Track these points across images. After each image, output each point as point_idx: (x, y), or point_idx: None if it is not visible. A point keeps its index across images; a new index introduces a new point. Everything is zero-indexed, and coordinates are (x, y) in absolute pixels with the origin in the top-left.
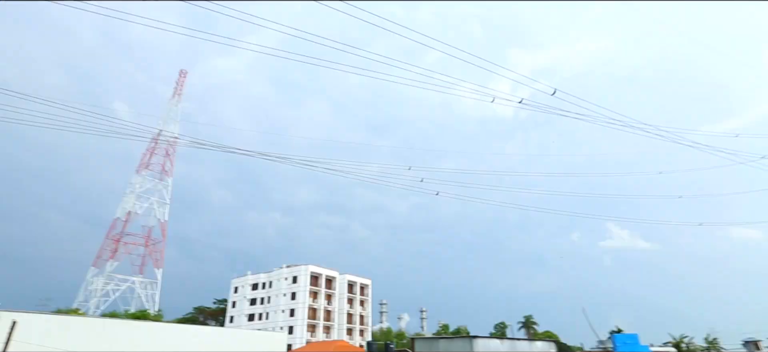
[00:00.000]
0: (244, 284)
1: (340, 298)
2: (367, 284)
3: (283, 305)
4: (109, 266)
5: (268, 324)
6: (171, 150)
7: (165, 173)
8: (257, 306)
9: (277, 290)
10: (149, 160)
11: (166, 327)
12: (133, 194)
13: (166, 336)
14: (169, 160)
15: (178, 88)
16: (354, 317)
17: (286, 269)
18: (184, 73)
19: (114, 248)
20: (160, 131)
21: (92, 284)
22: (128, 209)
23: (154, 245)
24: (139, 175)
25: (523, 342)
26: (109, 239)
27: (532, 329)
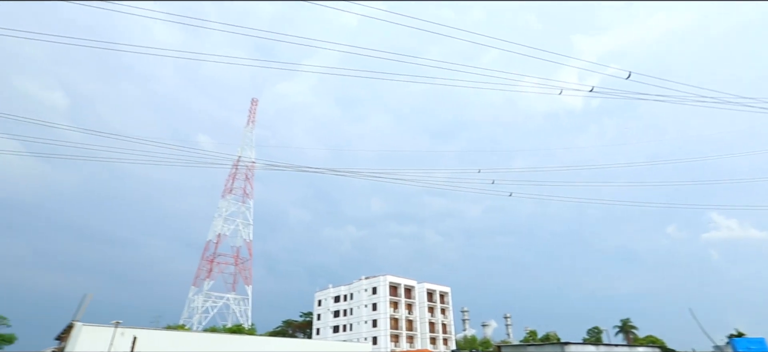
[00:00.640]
0: (327, 297)
1: (421, 307)
2: (446, 292)
3: (365, 316)
4: (206, 285)
5: (353, 335)
6: (250, 174)
7: (246, 196)
8: (341, 318)
9: (358, 301)
10: (232, 185)
11: (260, 340)
12: (221, 218)
13: (261, 348)
14: (249, 183)
15: (251, 115)
16: (436, 325)
17: (365, 281)
18: (255, 101)
19: (209, 268)
20: (238, 157)
21: (193, 302)
22: (218, 232)
23: (242, 263)
24: (224, 199)
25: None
26: (204, 260)
27: (632, 334)
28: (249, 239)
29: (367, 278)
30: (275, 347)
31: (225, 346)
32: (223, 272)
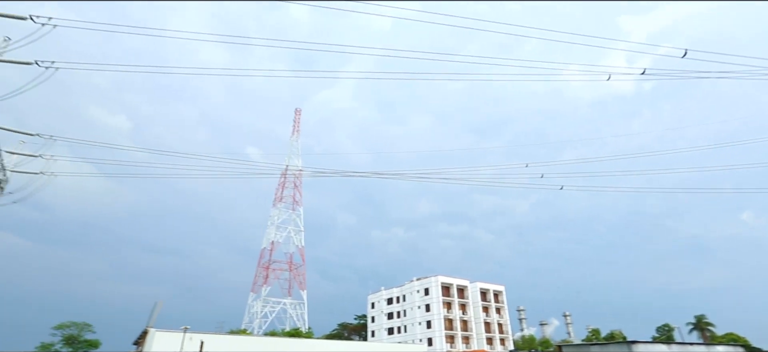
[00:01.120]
0: (380, 299)
1: (475, 306)
2: (500, 291)
3: (419, 317)
4: (264, 291)
5: (407, 337)
6: (298, 182)
7: (296, 204)
8: (395, 320)
9: (410, 302)
10: (281, 194)
11: (318, 343)
12: (273, 226)
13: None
14: (298, 191)
15: (296, 125)
16: (492, 325)
17: (417, 282)
18: (298, 111)
19: (265, 275)
20: (286, 166)
21: (253, 308)
22: (271, 239)
23: (296, 269)
24: (276, 208)
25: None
26: (260, 267)
27: (708, 331)
28: (301, 245)
29: (419, 279)
30: (334, 349)
31: (287, 349)
32: (278, 278)
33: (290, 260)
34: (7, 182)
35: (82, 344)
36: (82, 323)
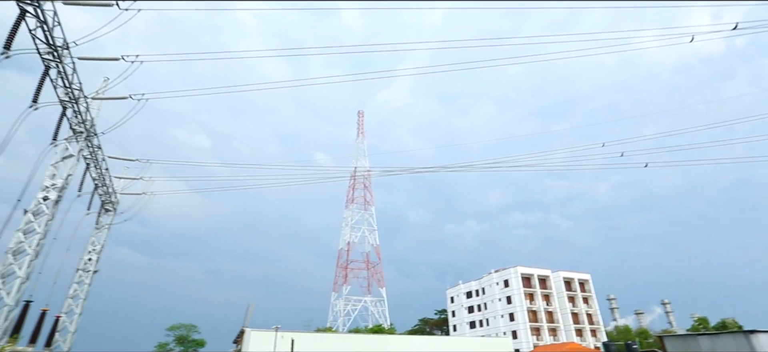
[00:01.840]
0: (459, 293)
1: (559, 297)
2: (586, 280)
3: (500, 309)
4: (345, 290)
5: (490, 330)
6: (367, 182)
7: (367, 204)
8: (475, 313)
9: (490, 295)
10: (353, 195)
11: (402, 339)
12: (348, 227)
13: (407, 347)
14: (368, 191)
15: (360, 127)
16: (580, 316)
17: (496, 274)
18: (361, 113)
19: (345, 275)
20: (355, 168)
21: (336, 307)
22: (347, 240)
23: (373, 267)
24: (348, 209)
25: None
26: (339, 267)
27: None
28: (376, 243)
29: (497, 271)
30: (419, 345)
31: (374, 345)
32: (357, 277)
33: (367, 259)
34: (118, 203)
35: (191, 343)
36: (189, 325)
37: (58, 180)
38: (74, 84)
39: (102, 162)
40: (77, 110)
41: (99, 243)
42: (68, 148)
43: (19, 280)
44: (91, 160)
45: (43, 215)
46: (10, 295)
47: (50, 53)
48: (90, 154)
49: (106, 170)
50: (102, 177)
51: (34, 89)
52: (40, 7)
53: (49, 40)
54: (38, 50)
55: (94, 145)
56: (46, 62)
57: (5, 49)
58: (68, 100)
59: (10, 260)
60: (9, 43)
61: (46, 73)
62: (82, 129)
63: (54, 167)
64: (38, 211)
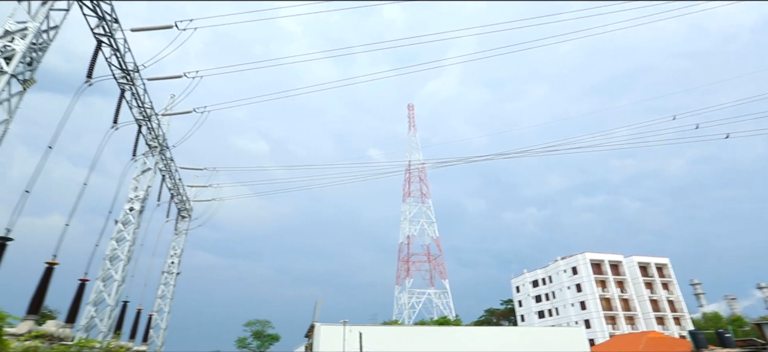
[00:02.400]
0: (524, 282)
1: (635, 283)
2: (664, 264)
3: (570, 298)
4: (408, 283)
5: (560, 320)
6: (423, 175)
7: (424, 196)
8: (543, 303)
9: (558, 283)
10: (409, 189)
11: (471, 331)
12: (406, 220)
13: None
14: (424, 184)
15: (411, 121)
16: (660, 303)
17: (562, 261)
18: (411, 106)
19: (406, 268)
20: (409, 162)
21: (400, 300)
22: (407, 233)
23: (434, 259)
24: (405, 203)
25: None
26: (400, 261)
27: None
28: (435, 235)
29: (564, 258)
30: (489, 336)
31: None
32: (419, 270)
33: (427, 252)
34: (192, 210)
35: (266, 338)
36: (264, 321)
37: (140, 192)
38: (146, 103)
39: (175, 173)
40: (150, 127)
41: (179, 247)
42: (146, 162)
43: (116, 283)
44: (165, 172)
45: (131, 224)
46: (111, 296)
47: (124, 77)
48: (164, 167)
49: (179, 180)
50: (176, 187)
51: (113, 111)
52: (112, 37)
53: (122, 66)
54: (114, 75)
55: (167, 158)
56: (121, 86)
57: (88, 78)
58: (142, 119)
59: (108, 266)
60: (90, 72)
61: (122, 95)
62: (156, 144)
63: (136, 180)
64: (126, 220)
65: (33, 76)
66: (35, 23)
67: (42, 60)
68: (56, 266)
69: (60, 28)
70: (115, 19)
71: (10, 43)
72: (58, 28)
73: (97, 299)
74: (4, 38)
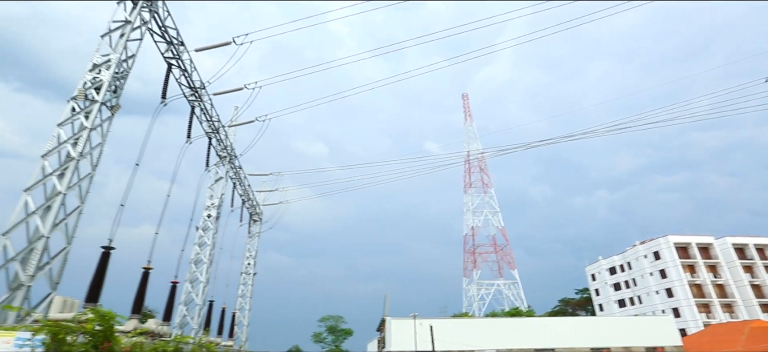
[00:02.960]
0: (600, 270)
1: (730, 267)
2: (766, 245)
3: (654, 285)
4: (475, 275)
5: (644, 308)
6: (483, 165)
7: (486, 186)
8: (623, 291)
9: (638, 270)
10: (470, 180)
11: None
12: (469, 212)
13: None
14: (485, 174)
15: (466, 110)
16: (764, 288)
17: (642, 246)
18: (465, 96)
19: (473, 260)
20: (467, 152)
21: (469, 292)
22: (471, 225)
23: (501, 250)
24: (467, 194)
25: None
26: (466, 253)
27: None
28: (500, 225)
29: (643, 242)
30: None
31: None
32: (486, 261)
33: (494, 242)
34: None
35: (340, 333)
36: (337, 316)
37: (215, 199)
38: (213, 117)
39: (244, 180)
40: (219, 139)
41: (253, 250)
42: (218, 171)
43: (202, 284)
44: (236, 180)
45: (210, 230)
46: (199, 297)
47: (192, 95)
48: (234, 175)
49: (248, 186)
50: (246, 192)
51: (186, 127)
52: (180, 58)
53: (190, 84)
54: (184, 94)
55: (236, 166)
56: (191, 103)
57: (163, 98)
58: (211, 132)
59: (194, 269)
60: (164, 93)
61: (192, 112)
62: (225, 154)
63: (210, 189)
64: (205, 227)
65: (118, 102)
66: (116, 54)
67: (124, 87)
68: (151, 270)
69: (136, 57)
70: (181, 41)
71: (98, 75)
72: (134, 57)
73: (187, 299)
74: (93, 71)
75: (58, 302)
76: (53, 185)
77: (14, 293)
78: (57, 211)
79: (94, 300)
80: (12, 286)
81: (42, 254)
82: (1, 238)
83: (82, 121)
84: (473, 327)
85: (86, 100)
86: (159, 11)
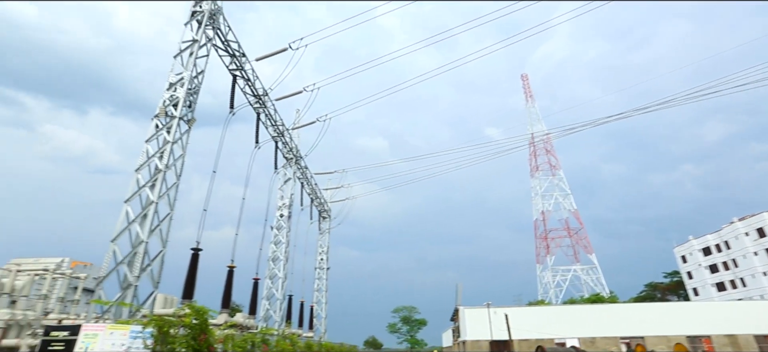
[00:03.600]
0: (691, 251)
1: None
2: None
3: (759, 265)
4: (549, 261)
5: (749, 292)
6: (548, 146)
7: (554, 168)
8: (721, 273)
9: (739, 249)
10: (536, 163)
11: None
12: (538, 196)
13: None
14: (552, 155)
15: (527, 91)
16: None
17: (740, 223)
18: (525, 77)
19: (546, 245)
20: (532, 135)
21: (544, 279)
22: (540, 209)
23: (575, 233)
24: (534, 178)
25: None
26: (538, 239)
27: None
28: (572, 208)
29: (742, 219)
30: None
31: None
32: (560, 246)
33: (567, 226)
34: (330, 210)
35: (415, 323)
36: (410, 307)
37: (286, 199)
38: (278, 121)
39: (311, 179)
40: (285, 142)
41: (325, 245)
42: (286, 173)
43: (280, 280)
44: (303, 179)
45: (284, 229)
46: (279, 291)
47: (257, 102)
48: (301, 175)
49: (315, 185)
50: (314, 191)
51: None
52: (242, 69)
53: (254, 92)
54: (249, 102)
55: (302, 167)
56: (256, 110)
57: (231, 108)
58: (277, 135)
59: (272, 266)
60: (232, 103)
61: (258, 118)
62: (292, 155)
63: (281, 190)
64: (279, 226)
65: (193, 116)
66: (188, 72)
67: (197, 101)
68: (234, 268)
69: (205, 72)
70: (243, 53)
71: (174, 93)
72: (203, 72)
73: (268, 294)
74: (170, 89)
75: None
76: (147, 195)
77: (125, 291)
78: (152, 218)
79: (189, 297)
80: (123, 285)
81: (143, 256)
82: (111, 244)
83: (165, 136)
84: (551, 315)
85: (166, 117)
86: (221, 27)
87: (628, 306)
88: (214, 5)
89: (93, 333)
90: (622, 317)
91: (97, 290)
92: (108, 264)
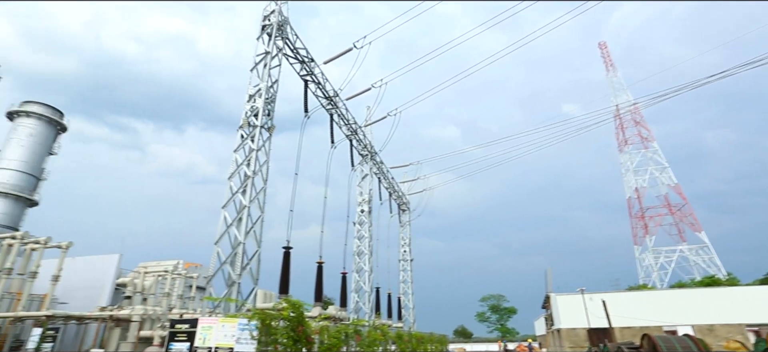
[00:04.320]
0: None
1: None
2: None
3: None
4: (649, 242)
5: None
6: (637, 117)
7: (645, 141)
8: None
9: None
10: (624, 137)
11: (758, 291)
12: (629, 172)
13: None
14: (643, 127)
15: (606, 61)
16: None
17: None
18: (603, 44)
19: (643, 225)
20: (616, 107)
21: (644, 261)
22: (634, 186)
23: (678, 210)
24: (624, 153)
25: None
26: (634, 218)
27: None
28: (672, 182)
29: None
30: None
31: (714, 302)
32: (660, 225)
33: (667, 202)
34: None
35: (504, 311)
36: (498, 295)
37: (365, 195)
38: (350, 120)
39: (387, 173)
40: (359, 139)
41: (406, 237)
42: (363, 169)
43: (366, 273)
44: (379, 174)
45: (365, 224)
46: (366, 284)
47: (329, 104)
48: (378, 170)
49: (392, 179)
50: (391, 185)
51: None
52: (312, 74)
53: (325, 95)
54: (322, 104)
55: (378, 162)
56: (329, 111)
57: (306, 112)
58: (351, 134)
59: (357, 260)
60: (306, 107)
61: (331, 119)
62: (366, 152)
63: (359, 186)
64: (361, 221)
65: (273, 124)
66: (264, 83)
67: (275, 109)
68: (323, 264)
69: (279, 81)
70: (311, 58)
71: (254, 104)
72: (278, 81)
73: (357, 287)
74: (250, 101)
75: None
76: (239, 200)
77: (230, 288)
78: (246, 221)
79: (285, 291)
80: (228, 283)
81: (242, 256)
82: (214, 246)
83: (250, 145)
84: (656, 300)
85: (249, 127)
86: (289, 36)
87: (753, 289)
88: (282, 16)
89: (208, 326)
90: (746, 301)
91: (208, 288)
92: (214, 264)
